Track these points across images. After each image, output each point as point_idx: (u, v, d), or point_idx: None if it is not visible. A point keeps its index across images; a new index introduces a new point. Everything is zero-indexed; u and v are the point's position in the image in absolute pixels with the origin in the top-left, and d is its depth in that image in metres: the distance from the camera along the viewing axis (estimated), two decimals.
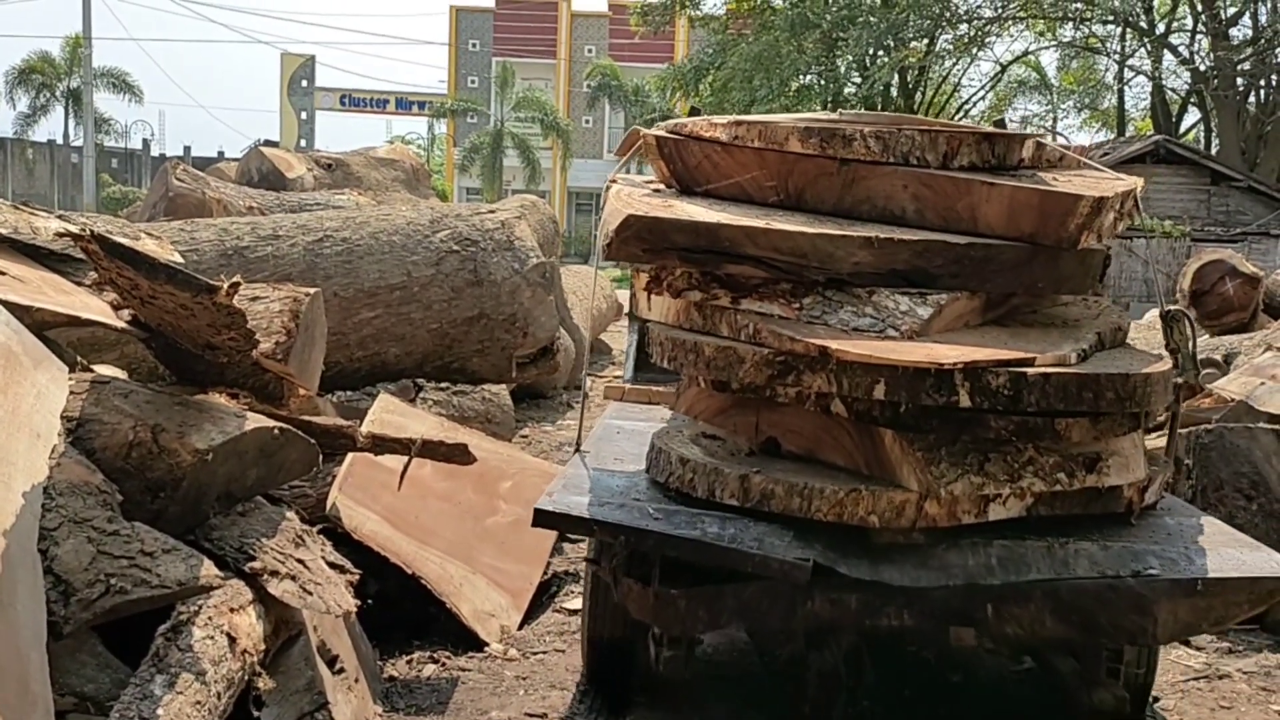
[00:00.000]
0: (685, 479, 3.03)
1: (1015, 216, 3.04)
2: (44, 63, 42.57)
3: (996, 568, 2.81)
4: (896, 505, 2.78)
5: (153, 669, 2.20)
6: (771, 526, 2.82)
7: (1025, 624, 2.83)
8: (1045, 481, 2.90)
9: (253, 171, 12.58)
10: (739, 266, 3.00)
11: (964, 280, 3.02)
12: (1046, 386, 2.76)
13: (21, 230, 3.26)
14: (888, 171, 3.13)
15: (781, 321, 2.92)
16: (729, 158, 3.31)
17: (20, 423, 2.40)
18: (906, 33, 21.92)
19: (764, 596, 2.87)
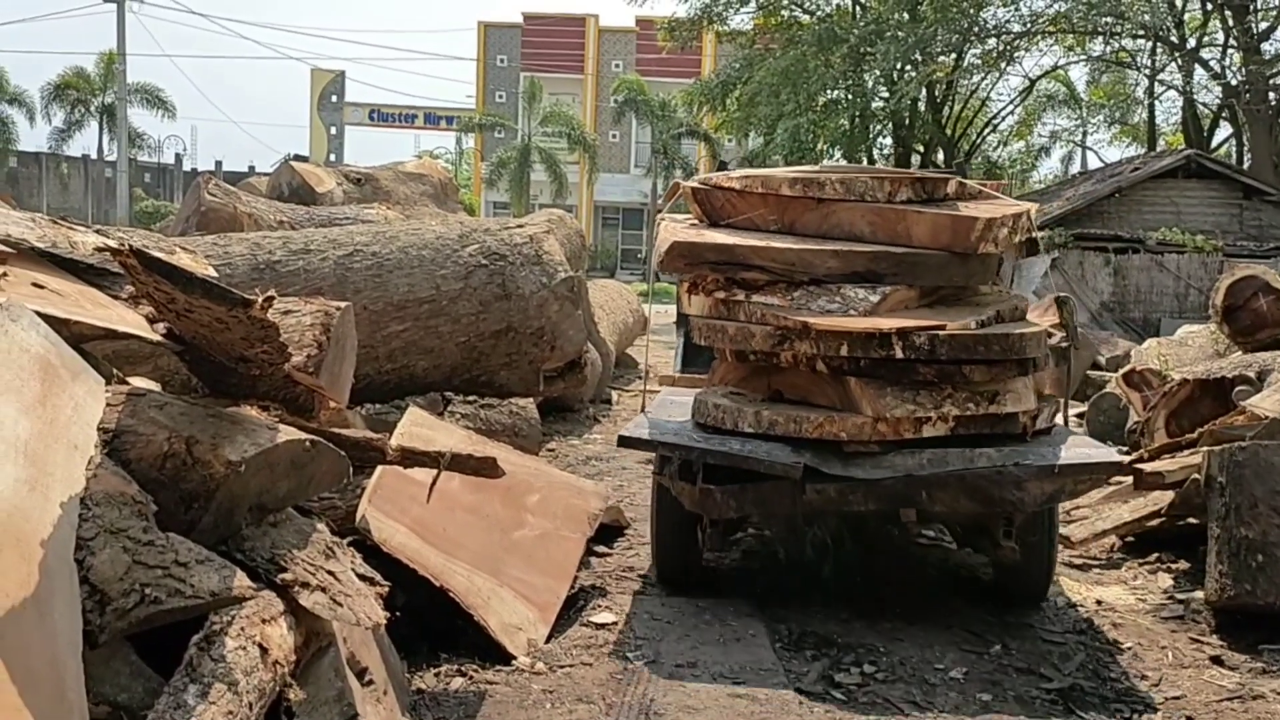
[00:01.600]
0: (718, 416, 4.51)
1: (936, 233, 4.49)
2: (79, 78, 43.13)
3: (927, 465, 4.24)
4: (859, 425, 4.24)
5: (186, 678, 2.22)
6: (775, 444, 4.28)
7: (946, 502, 4.32)
8: (960, 409, 4.30)
9: (283, 186, 12.69)
10: (749, 273, 4.49)
11: (903, 278, 4.47)
12: (953, 343, 4.20)
13: (60, 244, 3.30)
14: (850, 206, 4.62)
15: (779, 308, 4.37)
16: (741, 200, 4.81)
17: (58, 434, 2.44)
18: (934, 47, 21.84)
19: (772, 490, 4.32)
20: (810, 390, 4.48)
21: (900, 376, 4.28)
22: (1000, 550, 4.61)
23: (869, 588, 5.03)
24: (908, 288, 4.49)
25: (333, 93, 49.35)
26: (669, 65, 38.88)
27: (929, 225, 4.51)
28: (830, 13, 25.31)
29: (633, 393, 12.04)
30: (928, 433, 4.29)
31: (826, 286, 4.43)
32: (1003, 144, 33.92)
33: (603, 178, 43.67)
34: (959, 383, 4.32)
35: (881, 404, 4.23)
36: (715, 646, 4.21)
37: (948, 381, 4.31)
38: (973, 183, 5.13)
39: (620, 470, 7.68)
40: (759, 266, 4.49)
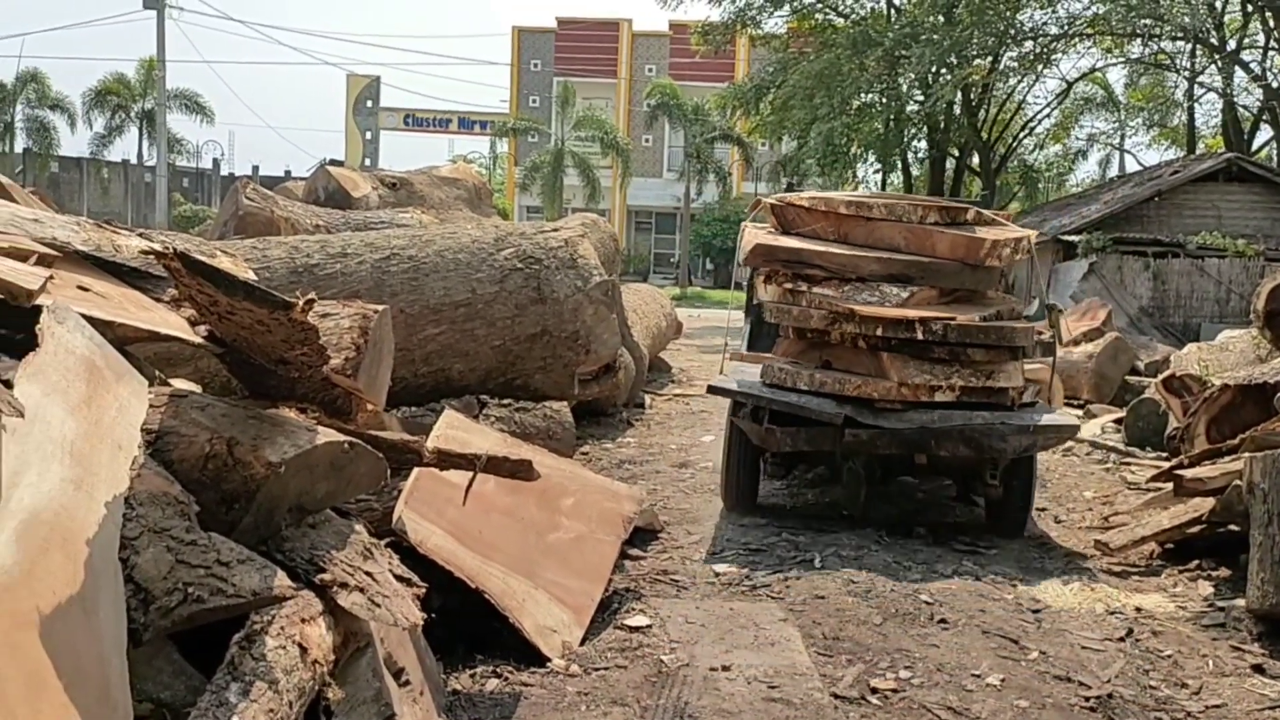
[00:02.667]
0: (781, 377, 6.07)
1: (954, 249, 6.00)
2: (120, 85, 43.72)
3: (937, 420, 5.74)
4: (887, 388, 5.78)
5: (228, 677, 2.24)
6: (824, 399, 5.82)
7: (949, 449, 5.80)
8: (964, 381, 5.83)
9: (319, 190, 12.81)
10: (811, 270, 6.07)
11: (927, 280, 6.03)
12: (961, 331, 5.71)
13: (104, 248, 3.35)
14: (890, 224, 6.12)
15: (832, 298, 5.91)
16: (808, 214, 6.32)
17: (103, 434, 2.47)
18: (970, 50, 21.70)
19: (820, 432, 5.88)
20: (851, 361, 6.09)
21: (920, 354, 5.85)
22: (988, 489, 6.19)
23: (909, 598, 5.00)
24: (930, 288, 6.08)
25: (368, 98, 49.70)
26: (702, 69, 38.94)
27: (949, 242, 6.04)
28: (865, 16, 25.22)
29: (666, 397, 12.04)
30: (939, 397, 5.86)
31: (869, 284, 6.04)
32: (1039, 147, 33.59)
33: (635, 182, 43.69)
34: (964, 361, 5.90)
35: (905, 373, 5.85)
36: (749, 650, 4.20)
37: (956, 360, 5.88)
38: (987, 212, 6.61)
39: (654, 474, 7.68)
40: (819, 266, 6.12)
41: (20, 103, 43.72)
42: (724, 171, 42.40)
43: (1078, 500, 7.41)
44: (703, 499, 6.92)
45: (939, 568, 5.48)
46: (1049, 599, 5.08)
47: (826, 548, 5.75)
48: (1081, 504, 7.29)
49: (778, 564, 5.47)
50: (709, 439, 9.30)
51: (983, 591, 5.11)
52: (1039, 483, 7.63)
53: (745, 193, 44.04)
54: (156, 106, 38.54)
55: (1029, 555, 5.88)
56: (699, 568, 5.35)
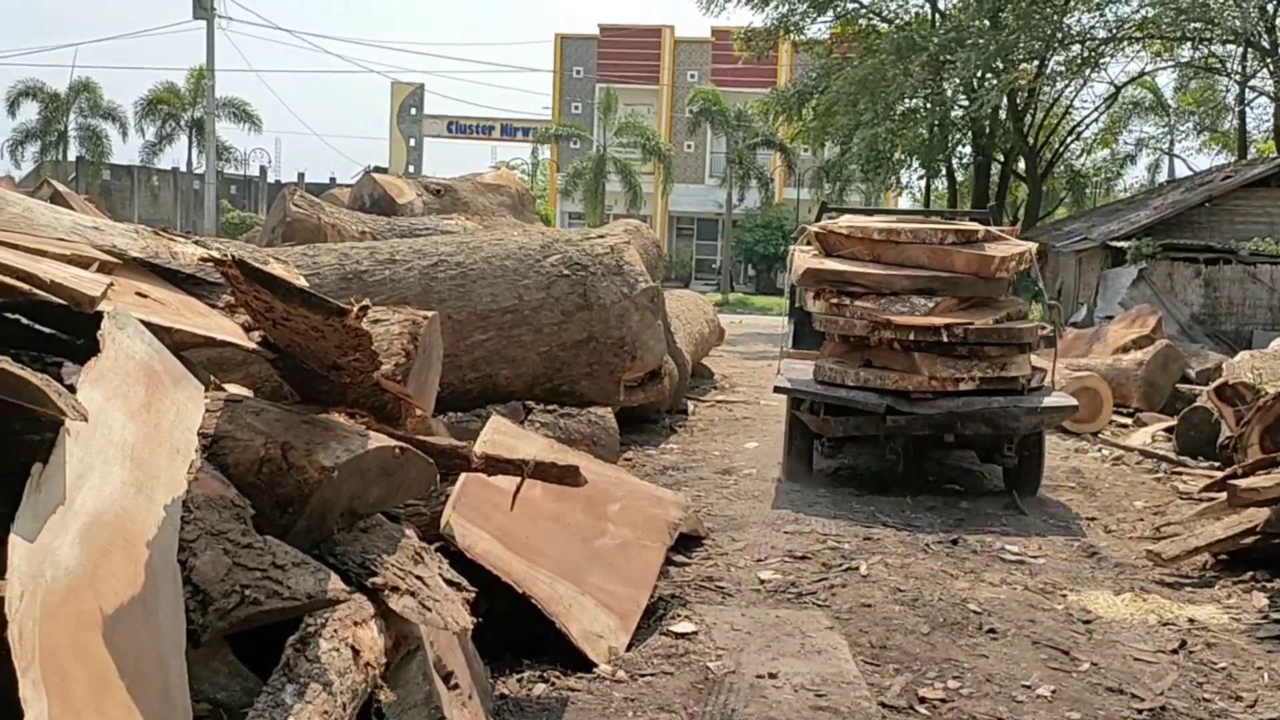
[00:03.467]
0: (831, 375, 7.33)
1: (969, 265, 7.29)
2: (170, 94, 44.35)
3: (961, 405, 6.92)
4: (919, 381, 6.96)
5: (283, 678, 2.27)
6: (868, 392, 7.05)
7: (972, 428, 7.03)
8: (982, 373, 7.01)
9: (364, 197, 12.92)
10: (852, 287, 7.35)
11: (948, 292, 7.31)
12: (979, 332, 6.93)
13: (161, 255, 3.40)
14: (916, 246, 7.46)
15: (871, 309, 7.13)
16: (847, 240, 7.68)
17: (161, 438, 2.51)
18: (1016, 54, 21.49)
19: (866, 419, 7.14)
20: (889, 360, 7.32)
21: (946, 352, 7.07)
22: (1005, 459, 7.42)
23: (956, 607, 4.97)
24: (951, 298, 7.39)
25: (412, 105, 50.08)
26: (744, 75, 38.88)
27: (965, 259, 7.40)
28: (909, 21, 25.06)
29: (709, 403, 12.03)
30: (962, 387, 7.09)
31: (901, 297, 7.35)
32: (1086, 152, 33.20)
33: (677, 188, 43.68)
34: (982, 356, 7.12)
35: (934, 368, 7.06)
36: (796, 658, 4.18)
37: (975, 356, 7.11)
38: (995, 229, 8.00)
39: (697, 480, 7.67)
40: (859, 284, 7.45)
41: (73, 112, 44.51)
42: (766, 177, 42.29)
43: (1128, 510, 7.31)
44: (747, 505, 6.91)
45: (987, 577, 5.43)
46: (1100, 609, 5.01)
47: (872, 555, 5.72)
48: (1132, 514, 7.19)
49: (823, 571, 5.45)
50: (752, 445, 9.28)
51: (1032, 601, 5.06)
52: (1087, 492, 7.64)
53: (787, 198, 43.92)
54: (206, 115, 39.06)
55: (1079, 565, 5.81)
56: (744, 574, 5.34)
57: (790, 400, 7.68)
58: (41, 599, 1.86)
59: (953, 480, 7.97)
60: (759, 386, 13.43)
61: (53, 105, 44.04)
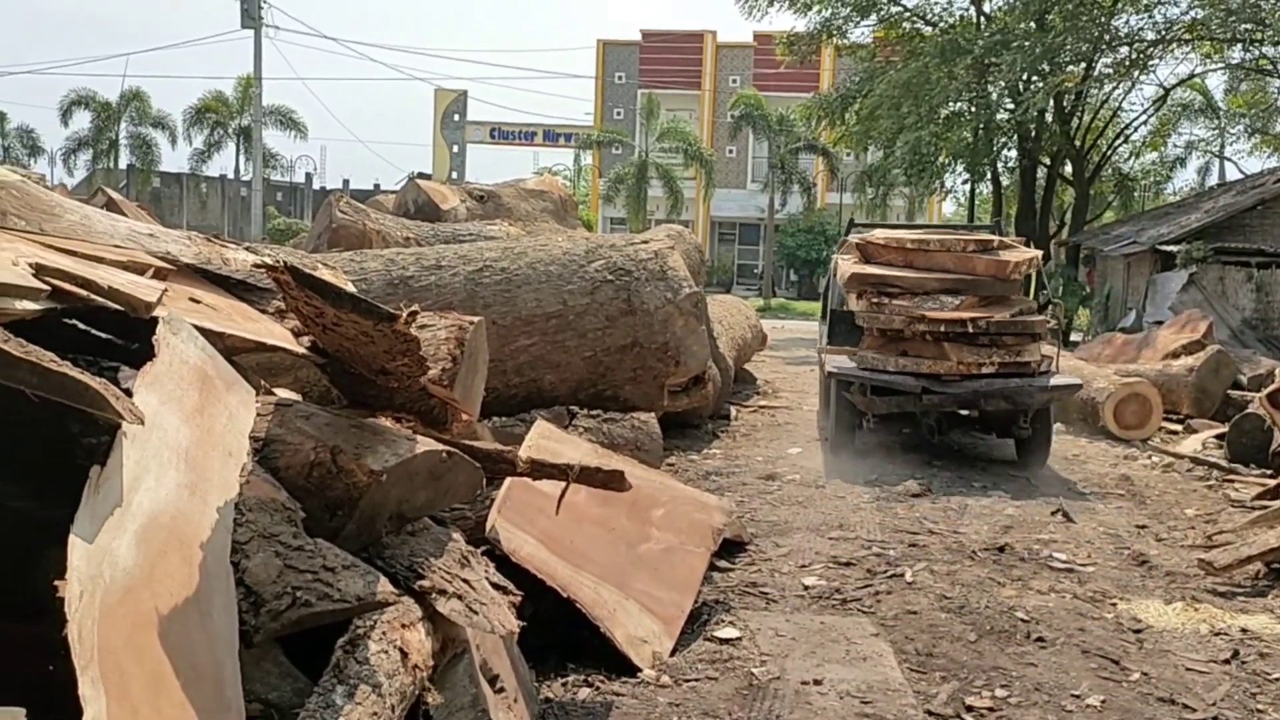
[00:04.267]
0: (873, 363, 8.67)
1: (988, 268, 8.61)
2: (218, 102, 44.97)
3: (984, 386, 8.36)
4: (949, 366, 8.38)
5: (334, 679, 2.29)
6: (906, 376, 8.50)
7: (993, 404, 8.50)
8: (1000, 359, 8.40)
9: (409, 203, 13.02)
10: (890, 289, 8.72)
11: (970, 292, 8.56)
12: (998, 325, 8.39)
13: (213, 261, 3.46)
14: (943, 253, 8.77)
15: (907, 307, 8.52)
16: (884, 249, 9.06)
17: (214, 442, 2.55)
18: (1063, 57, 21.21)
19: (905, 398, 8.61)
20: (922, 349, 8.66)
21: (970, 341, 8.45)
22: (1020, 431, 8.80)
23: (1004, 615, 4.92)
24: (973, 296, 8.63)
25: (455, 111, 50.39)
26: (786, 80, 38.70)
27: (985, 264, 8.73)
28: (954, 24, 24.83)
29: (751, 409, 12.00)
30: (984, 370, 8.46)
31: (931, 296, 8.66)
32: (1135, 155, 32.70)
33: (719, 193, 43.60)
34: (1000, 345, 8.51)
35: (961, 355, 8.42)
36: (841, 665, 4.16)
37: (994, 344, 8.50)
38: (1008, 239, 9.79)
39: (740, 486, 7.66)
40: (897, 285, 8.78)
41: (124, 120, 45.27)
42: (808, 182, 42.11)
43: (1179, 518, 7.20)
44: (790, 511, 6.88)
45: (1034, 584, 5.37)
46: (1151, 619, 4.94)
47: (918, 562, 5.68)
48: (1183, 522, 7.08)
49: (868, 578, 5.42)
50: (795, 451, 9.25)
51: (1081, 610, 5.00)
52: (1137, 500, 7.55)
53: (830, 203, 43.71)
54: (253, 123, 39.58)
55: (1129, 573, 5.73)
56: (788, 580, 5.32)
57: (839, 383, 9.01)
58: (100, 599, 1.90)
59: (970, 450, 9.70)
60: (802, 392, 13.37)
61: (104, 114, 44.84)
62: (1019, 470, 8.72)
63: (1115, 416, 10.60)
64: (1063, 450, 9.91)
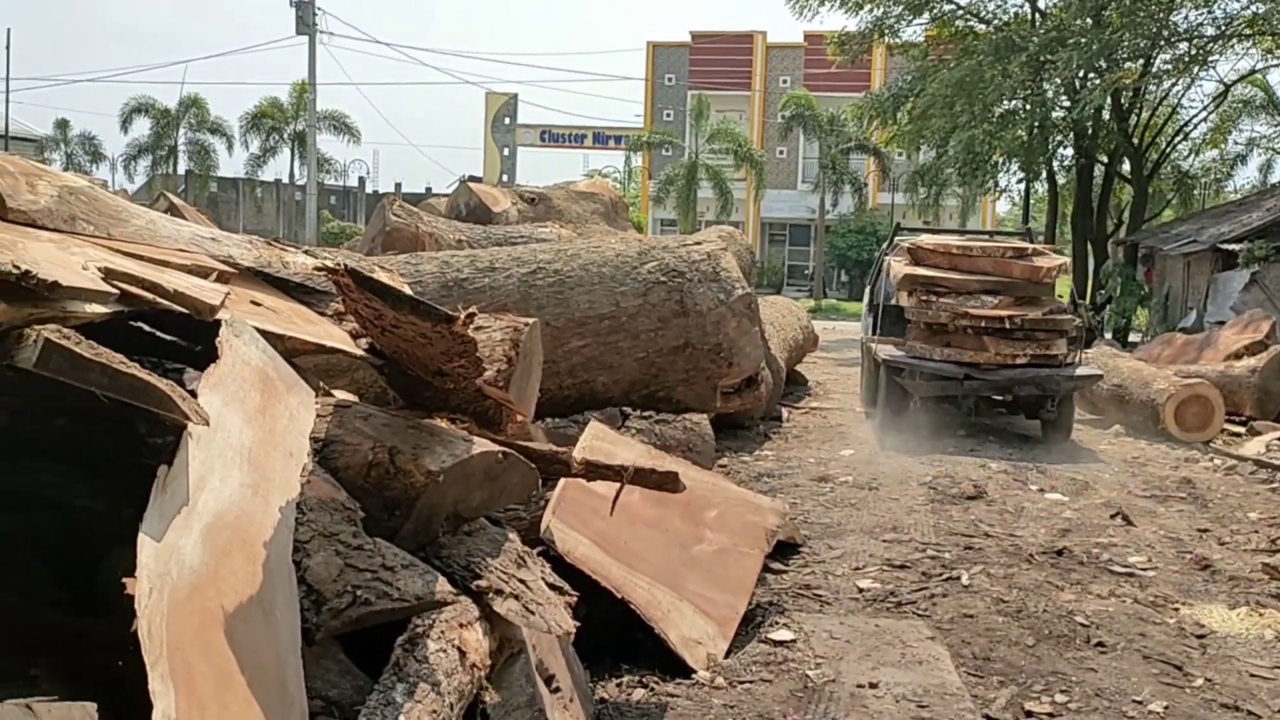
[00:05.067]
0: (921, 352, 10.31)
1: (1024, 272, 10.08)
2: (274, 108, 45.61)
3: (1018, 374, 9.87)
4: (988, 356, 9.85)
5: (394, 677, 2.32)
6: (950, 364, 10.01)
7: (1025, 389, 10.03)
8: (1033, 351, 9.89)
9: (461, 206, 13.12)
10: (937, 288, 10.34)
11: (1008, 293, 10.09)
12: (1031, 322, 9.89)
13: (273, 264, 3.50)
14: (985, 258, 10.37)
15: (952, 305, 10.03)
16: (932, 253, 10.66)
17: (276, 442, 2.59)
18: (1120, 53, 20.87)
19: (950, 383, 10.08)
20: (964, 341, 9.98)
21: (1007, 335, 9.77)
22: (1046, 414, 10.17)
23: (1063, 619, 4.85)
24: (1010, 297, 10.01)
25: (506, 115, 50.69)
26: (837, 79, 38.45)
27: (1020, 269, 10.09)
28: (1008, 21, 24.52)
29: (803, 410, 11.94)
30: (1018, 361, 9.80)
31: (974, 295, 10.04)
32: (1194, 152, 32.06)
33: (769, 194, 43.44)
34: (1032, 339, 9.85)
35: (998, 347, 9.79)
36: (897, 668, 4.13)
37: (1027, 338, 9.84)
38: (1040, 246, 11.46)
39: (793, 488, 7.63)
40: (943, 286, 10.23)
41: (183, 127, 46.08)
42: (860, 182, 41.83)
43: (1242, 522, 7.06)
44: (843, 513, 6.84)
45: (1094, 588, 5.30)
46: (1214, 624, 4.85)
47: (974, 565, 5.62)
48: (1246, 525, 6.94)
49: (923, 580, 5.37)
50: (848, 453, 9.19)
51: (1142, 614, 4.92)
52: (1199, 503, 7.43)
53: (881, 203, 43.39)
54: (308, 128, 40.08)
55: (1191, 578, 5.63)
56: (842, 583, 5.29)
57: (889, 369, 10.49)
58: (168, 596, 1.93)
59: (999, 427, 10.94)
60: (854, 393, 13.29)
61: (163, 121, 45.68)
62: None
63: (1176, 418, 10.42)
64: (1122, 453, 9.76)
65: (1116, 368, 11.88)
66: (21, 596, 2.42)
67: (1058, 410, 10.09)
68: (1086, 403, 12.32)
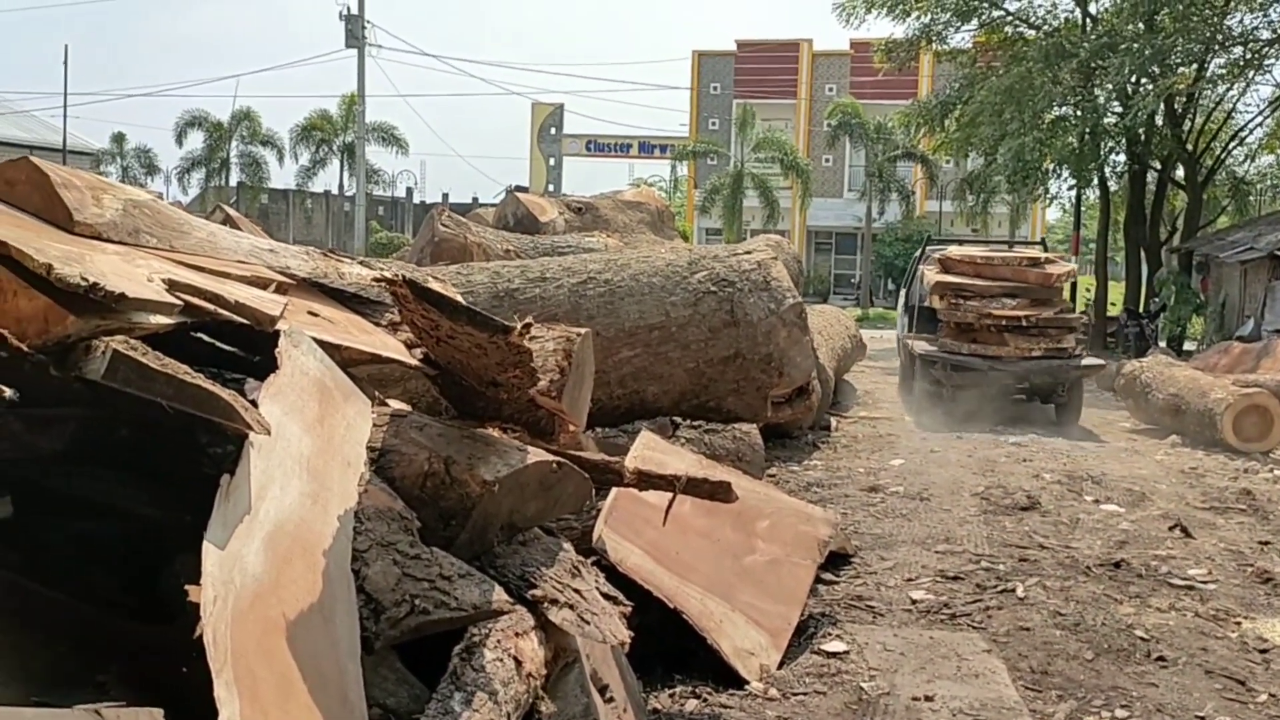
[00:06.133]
0: (951, 348, 12.23)
1: (1038, 279, 12.25)
2: (323, 120, 46.20)
3: (1033, 365, 11.90)
4: (1008, 350, 11.86)
5: (451, 686, 2.32)
6: (975, 357, 11.95)
7: (1040, 378, 12.09)
8: (1046, 345, 11.90)
9: (508, 216, 13.18)
10: (964, 293, 12.29)
11: (1024, 296, 12.16)
12: (1044, 320, 11.95)
13: (329, 275, 3.54)
14: (1004, 266, 12.61)
15: (977, 306, 12.03)
16: (960, 263, 12.77)
17: (334, 451, 2.61)
18: (1174, 58, 20.54)
19: (976, 374, 11.96)
20: (987, 338, 11.73)
21: (1024, 332, 11.62)
22: (1058, 398, 12.04)
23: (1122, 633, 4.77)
24: (1026, 299, 11.86)
25: (552, 125, 50.96)
26: (884, 87, 38.19)
27: (1035, 275, 11.99)
28: (1058, 27, 24.24)
29: (851, 419, 11.87)
30: (1034, 354, 11.61)
31: (995, 298, 11.81)
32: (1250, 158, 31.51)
33: (815, 202, 43.27)
34: (1046, 335, 11.67)
35: (1016, 342, 11.62)
36: (952, 681, 4.08)
37: (1041, 334, 11.66)
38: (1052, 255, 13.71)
39: (843, 498, 7.56)
40: (969, 290, 12.04)
41: (235, 139, 46.81)
42: (907, 190, 41.55)
43: None
44: (894, 524, 6.78)
45: (1153, 602, 5.21)
46: (1277, 638, 4.75)
47: (1029, 577, 5.54)
48: None
49: (977, 592, 5.30)
50: (898, 463, 9.11)
51: (1203, 629, 4.83)
52: (1259, 515, 7.29)
53: (929, 211, 43.06)
54: (356, 140, 40.50)
55: (1253, 591, 5.51)
56: (895, 594, 5.24)
57: (924, 362, 12.46)
58: (232, 604, 1.96)
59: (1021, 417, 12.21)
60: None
61: (216, 134, 46.44)
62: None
63: (1235, 428, 10.22)
64: (1179, 464, 9.58)
65: (1172, 377, 11.68)
66: (90, 603, 2.46)
67: (1068, 395, 12.17)
68: (1143, 413, 12.14)
